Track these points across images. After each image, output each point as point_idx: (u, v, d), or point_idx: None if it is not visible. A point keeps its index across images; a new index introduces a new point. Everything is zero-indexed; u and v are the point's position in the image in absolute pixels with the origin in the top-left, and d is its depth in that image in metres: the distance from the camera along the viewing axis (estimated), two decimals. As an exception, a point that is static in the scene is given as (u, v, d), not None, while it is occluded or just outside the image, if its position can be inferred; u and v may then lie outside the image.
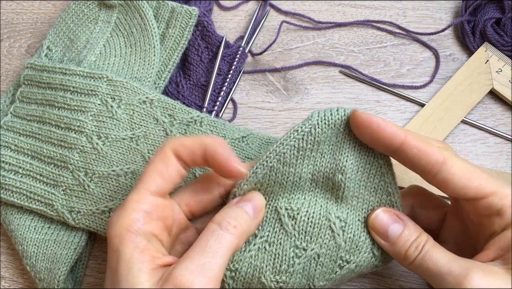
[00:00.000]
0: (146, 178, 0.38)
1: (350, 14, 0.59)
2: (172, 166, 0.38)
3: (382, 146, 0.38)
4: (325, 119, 0.38)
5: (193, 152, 0.38)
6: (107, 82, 0.49)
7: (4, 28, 0.60)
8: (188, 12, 0.54)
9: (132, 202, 0.37)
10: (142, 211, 0.36)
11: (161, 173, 0.38)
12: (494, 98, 0.54)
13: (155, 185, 0.37)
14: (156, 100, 0.49)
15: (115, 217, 0.37)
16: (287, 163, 0.38)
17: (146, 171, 0.38)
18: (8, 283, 0.50)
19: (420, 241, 0.38)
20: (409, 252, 0.37)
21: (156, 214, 0.37)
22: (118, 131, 0.48)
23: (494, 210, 0.37)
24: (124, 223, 0.36)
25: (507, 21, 0.54)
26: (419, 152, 0.37)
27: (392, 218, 0.39)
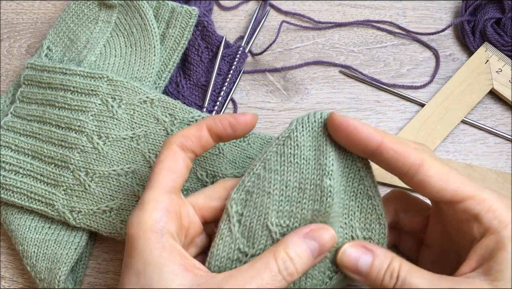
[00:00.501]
0: (158, 176, 0.38)
1: (350, 14, 0.59)
2: (180, 160, 0.38)
3: (359, 149, 0.37)
4: (302, 123, 0.38)
5: (199, 137, 0.39)
6: (107, 82, 0.49)
7: (4, 28, 0.60)
8: (188, 12, 0.54)
9: (150, 202, 0.36)
10: (163, 209, 0.36)
11: (171, 169, 0.38)
12: (494, 98, 0.54)
13: (169, 182, 0.38)
14: (157, 100, 0.49)
15: (135, 218, 0.36)
16: (272, 169, 0.38)
17: (157, 169, 0.38)
18: (8, 283, 0.50)
19: (393, 268, 0.36)
20: (385, 282, 0.36)
21: (174, 212, 0.37)
22: (119, 131, 0.48)
23: (472, 214, 0.36)
24: (147, 224, 0.35)
25: (507, 21, 0.54)
26: (396, 154, 0.36)
27: (360, 250, 0.37)
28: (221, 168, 0.47)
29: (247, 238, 0.38)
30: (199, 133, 0.39)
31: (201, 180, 0.47)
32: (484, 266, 0.35)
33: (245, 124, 0.39)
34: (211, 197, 0.41)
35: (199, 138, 0.39)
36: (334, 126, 0.37)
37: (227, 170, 0.47)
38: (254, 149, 0.49)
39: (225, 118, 0.39)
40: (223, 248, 0.38)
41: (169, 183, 0.38)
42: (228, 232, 0.38)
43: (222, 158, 0.47)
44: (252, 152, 0.49)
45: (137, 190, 0.47)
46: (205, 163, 0.47)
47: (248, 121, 0.40)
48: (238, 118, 0.39)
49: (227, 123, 0.39)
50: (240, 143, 0.49)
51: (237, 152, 0.49)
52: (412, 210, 0.43)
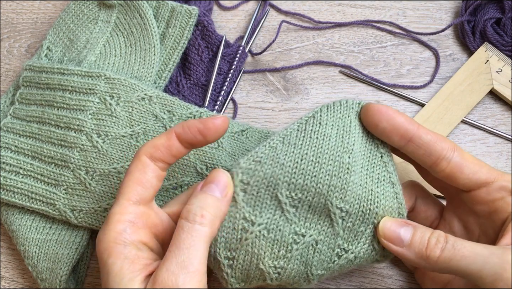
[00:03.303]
0: (125, 189, 0.37)
1: (350, 14, 0.59)
2: (149, 171, 0.38)
3: (398, 134, 0.38)
4: (328, 106, 0.38)
5: (169, 146, 0.38)
6: (105, 81, 0.49)
7: (4, 28, 0.60)
8: (188, 12, 0.54)
9: (115, 215, 0.37)
10: (126, 221, 0.36)
11: (139, 181, 0.38)
12: (494, 98, 0.54)
13: (135, 194, 0.37)
14: (155, 96, 0.49)
15: (101, 233, 0.36)
16: (290, 143, 0.38)
17: (124, 181, 0.38)
18: (8, 283, 0.50)
19: (438, 234, 0.37)
20: (430, 247, 0.36)
21: (141, 222, 0.37)
22: (118, 128, 0.48)
23: (507, 190, 0.38)
24: (111, 236, 0.36)
25: (507, 21, 0.54)
26: (434, 138, 0.38)
27: (400, 223, 0.38)
28: (220, 161, 0.47)
29: (253, 207, 0.38)
30: (169, 142, 0.39)
31: (201, 174, 0.47)
32: None
33: (215, 130, 0.39)
34: (184, 202, 0.39)
35: (169, 147, 0.39)
36: (372, 113, 0.38)
37: (227, 163, 0.47)
38: (253, 142, 0.49)
39: (193, 125, 0.39)
40: (228, 218, 0.38)
41: (136, 195, 0.37)
42: (232, 201, 0.38)
43: (221, 150, 0.48)
44: (251, 145, 0.49)
45: None
46: (205, 156, 0.47)
47: (218, 126, 0.39)
48: (207, 124, 0.39)
49: (196, 130, 0.38)
50: (239, 136, 0.49)
51: (236, 145, 0.49)
52: (429, 200, 0.44)
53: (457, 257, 0.35)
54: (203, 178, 0.47)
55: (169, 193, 0.47)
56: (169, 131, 0.39)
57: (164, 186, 0.47)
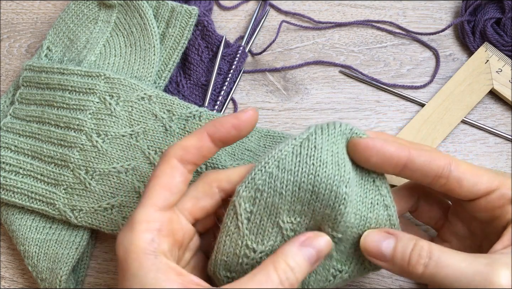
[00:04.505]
0: (152, 193, 0.36)
1: (350, 14, 0.59)
2: (178, 176, 0.37)
3: (391, 165, 0.37)
4: (322, 128, 0.37)
5: (200, 147, 0.37)
6: (104, 80, 0.49)
7: (4, 28, 0.60)
8: (188, 12, 0.54)
9: (141, 222, 0.35)
10: (154, 230, 0.35)
11: (167, 186, 0.36)
12: (494, 98, 0.54)
13: (162, 200, 0.36)
14: (154, 96, 0.49)
15: (126, 240, 0.35)
16: (286, 169, 0.37)
17: (152, 185, 0.36)
18: (8, 283, 0.50)
19: (420, 247, 0.36)
20: (412, 263, 0.35)
21: (167, 230, 0.36)
22: (118, 128, 0.48)
23: (507, 199, 0.37)
24: (139, 247, 0.34)
25: (507, 21, 0.54)
26: (428, 158, 0.37)
27: (382, 235, 0.37)
28: (220, 160, 0.47)
29: (256, 235, 0.38)
30: (200, 143, 0.37)
31: (201, 173, 0.47)
32: None
33: (249, 122, 0.38)
34: (197, 197, 0.39)
35: (200, 148, 0.37)
36: (360, 150, 0.37)
37: (226, 162, 0.47)
38: (252, 141, 0.49)
39: (227, 122, 0.37)
40: (230, 244, 0.38)
41: (163, 201, 0.36)
42: (235, 229, 0.37)
43: (221, 150, 0.48)
44: (251, 144, 0.49)
45: (137, 186, 0.47)
46: None
47: (252, 118, 0.38)
48: (241, 118, 0.38)
49: (230, 126, 0.37)
50: None
51: (235, 144, 0.49)
52: (433, 200, 0.44)
53: (440, 274, 0.35)
54: None
55: None
56: (199, 131, 0.38)
57: None
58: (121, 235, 0.36)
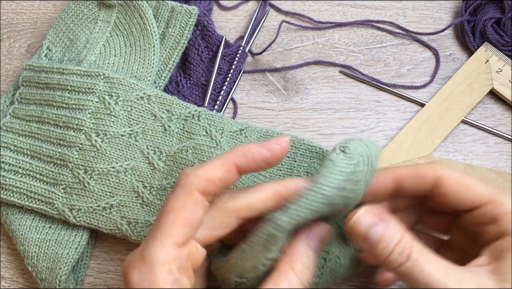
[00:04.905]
0: (171, 230, 0.33)
1: (350, 14, 0.59)
2: (200, 209, 0.35)
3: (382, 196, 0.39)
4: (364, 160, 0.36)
5: (226, 179, 0.35)
6: (104, 80, 0.49)
7: (4, 28, 0.60)
8: (188, 12, 0.54)
9: (163, 264, 0.33)
10: (176, 270, 0.33)
11: (188, 222, 0.34)
12: (494, 98, 0.54)
13: (183, 237, 0.34)
14: (154, 96, 0.49)
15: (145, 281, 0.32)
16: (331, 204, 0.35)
17: (171, 220, 0.34)
18: (8, 283, 0.50)
19: (403, 244, 0.35)
20: (392, 257, 0.34)
21: (187, 266, 0.34)
22: (117, 128, 0.48)
23: (489, 217, 0.36)
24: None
25: (507, 21, 0.54)
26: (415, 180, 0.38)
27: (373, 220, 0.35)
28: None
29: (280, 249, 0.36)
30: (227, 175, 0.35)
31: None
32: (493, 264, 0.35)
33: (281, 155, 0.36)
34: (213, 227, 0.36)
35: (225, 180, 0.35)
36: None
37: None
38: (251, 141, 0.49)
39: (259, 155, 0.35)
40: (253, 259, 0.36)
41: (183, 238, 0.34)
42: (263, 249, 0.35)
43: (219, 150, 0.47)
44: None
45: (136, 186, 0.47)
46: (203, 155, 0.47)
47: (285, 150, 0.36)
48: (274, 151, 0.36)
49: (262, 160, 0.36)
50: (237, 136, 0.49)
51: (234, 144, 0.49)
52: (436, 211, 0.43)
53: (412, 276, 0.34)
54: None
55: (167, 192, 0.47)
56: (226, 162, 0.35)
57: (162, 185, 0.47)
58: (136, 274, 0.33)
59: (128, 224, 0.46)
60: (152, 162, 0.48)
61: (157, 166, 0.48)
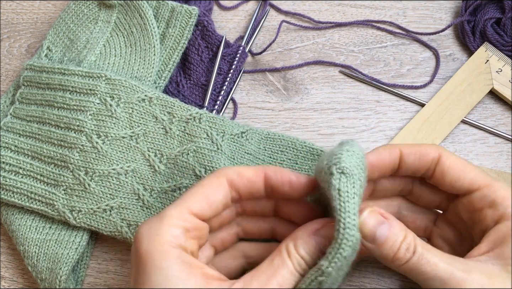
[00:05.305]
0: (190, 198, 0.36)
1: (350, 14, 0.59)
2: (221, 194, 0.37)
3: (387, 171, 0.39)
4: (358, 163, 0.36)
5: (253, 182, 0.37)
6: (105, 81, 0.49)
7: (4, 28, 0.60)
8: (188, 12, 0.54)
9: (171, 218, 0.35)
10: (182, 227, 0.35)
11: (208, 198, 0.36)
12: (494, 98, 0.54)
13: (198, 207, 0.36)
14: (155, 98, 0.49)
15: (152, 230, 0.35)
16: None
17: (194, 190, 0.37)
18: (8, 283, 0.50)
19: (408, 242, 0.36)
20: (399, 254, 0.35)
21: (194, 233, 0.36)
22: (118, 130, 0.48)
23: (487, 202, 0.37)
24: (165, 239, 0.34)
25: (507, 21, 0.54)
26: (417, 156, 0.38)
27: (379, 219, 0.36)
28: (219, 164, 0.47)
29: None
30: (255, 178, 0.38)
31: (200, 177, 0.47)
32: (495, 250, 0.36)
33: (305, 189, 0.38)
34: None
35: (252, 184, 0.38)
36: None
37: (226, 166, 0.47)
38: (253, 144, 0.49)
39: (287, 176, 0.37)
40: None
41: (198, 209, 0.36)
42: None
43: (220, 153, 0.47)
44: (250, 147, 0.49)
45: (137, 188, 0.47)
46: (204, 159, 0.47)
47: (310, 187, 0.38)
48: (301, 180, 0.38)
49: (287, 180, 0.37)
50: (238, 138, 0.49)
51: (235, 147, 0.49)
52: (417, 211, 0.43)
53: (419, 270, 0.35)
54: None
55: (167, 195, 0.47)
56: (259, 167, 0.38)
57: (163, 188, 0.47)
58: (145, 226, 0.35)
59: (128, 226, 0.46)
60: (153, 165, 0.48)
61: (158, 168, 0.48)
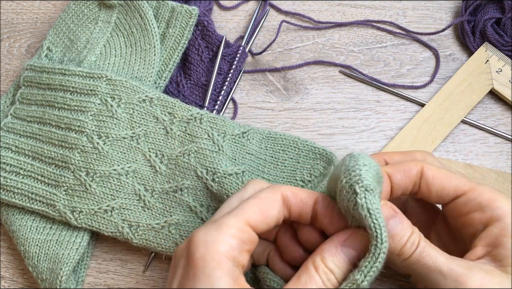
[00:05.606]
0: (248, 209, 0.36)
1: (350, 14, 0.59)
2: (276, 209, 0.36)
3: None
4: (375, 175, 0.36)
5: (305, 204, 0.37)
6: (106, 82, 0.49)
7: (4, 28, 0.60)
8: (188, 12, 0.54)
9: (231, 227, 0.34)
10: (239, 239, 0.34)
11: (264, 212, 0.36)
12: (494, 98, 0.54)
13: (255, 219, 0.36)
14: (156, 98, 0.49)
15: (210, 236, 0.34)
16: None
17: (251, 202, 0.36)
18: (8, 283, 0.50)
19: (414, 238, 0.36)
20: (405, 248, 0.36)
21: (248, 246, 0.36)
22: (119, 130, 0.48)
23: (474, 205, 0.37)
24: (223, 247, 0.34)
25: (507, 21, 0.54)
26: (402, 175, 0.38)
27: (391, 212, 0.37)
28: (221, 165, 0.47)
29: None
30: (307, 200, 0.37)
31: (201, 177, 0.47)
32: (492, 253, 0.36)
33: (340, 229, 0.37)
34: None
35: (304, 205, 0.37)
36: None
37: (227, 167, 0.47)
38: (254, 144, 0.49)
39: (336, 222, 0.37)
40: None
41: (255, 222, 0.35)
42: None
43: (222, 154, 0.47)
44: (252, 147, 0.49)
45: (138, 189, 0.47)
46: (205, 160, 0.47)
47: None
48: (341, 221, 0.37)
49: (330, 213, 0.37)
50: (239, 139, 0.49)
51: (236, 148, 0.48)
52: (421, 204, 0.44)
53: (420, 263, 0.35)
54: (203, 181, 0.47)
55: (169, 195, 0.47)
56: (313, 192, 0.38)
57: (164, 189, 0.47)
58: (203, 230, 0.35)
59: (129, 227, 0.46)
60: (154, 165, 0.48)
61: (159, 169, 0.48)
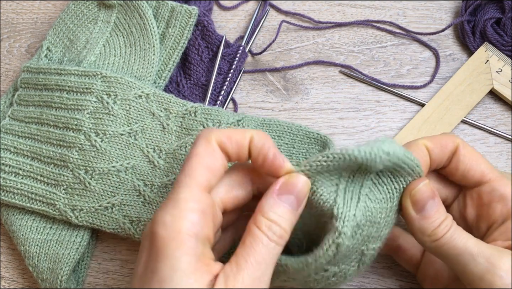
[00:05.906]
0: (195, 172, 0.34)
1: (350, 14, 0.59)
2: (219, 159, 0.35)
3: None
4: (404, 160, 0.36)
5: (240, 144, 0.35)
6: (101, 79, 0.49)
7: (4, 28, 0.60)
8: (188, 12, 0.54)
9: (187, 201, 0.33)
10: (199, 211, 0.33)
11: (210, 167, 0.34)
12: (494, 98, 0.54)
13: (206, 181, 0.34)
14: (152, 94, 0.49)
15: (168, 217, 0.32)
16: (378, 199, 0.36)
17: (192, 164, 0.34)
18: (8, 283, 0.50)
19: (447, 221, 0.36)
20: (438, 230, 0.36)
21: (209, 214, 0.34)
22: (116, 127, 0.48)
23: (497, 195, 0.37)
24: (183, 226, 0.32)
25: (507, 21, 0.54)
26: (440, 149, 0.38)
27: (431, 192, 0.37)
28: None
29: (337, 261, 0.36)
30: (242, 141, 0.35)
31: None
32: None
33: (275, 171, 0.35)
34: (231, 185, 0.37)
35: (241, 146, 0.35)
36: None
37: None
38: None
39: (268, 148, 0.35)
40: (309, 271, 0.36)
41: (206, 182, 0.34)
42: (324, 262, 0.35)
43: None
44: None
45: (137, 184, 0.47)
46: None
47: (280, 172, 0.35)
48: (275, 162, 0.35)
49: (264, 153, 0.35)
50: (234, 127, 0.49)
51: None
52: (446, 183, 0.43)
53: (450, 244, 0.36)
54: None
55: (168, 189, 0.47)
56: (245, 130, 0.36)
57: (163, 183, 0.47)
58: (161, 212, 0.33)
59: (130, 222, 0.46)
60: (152, 160, 0.48)
61: (157, 163, 0.48)
